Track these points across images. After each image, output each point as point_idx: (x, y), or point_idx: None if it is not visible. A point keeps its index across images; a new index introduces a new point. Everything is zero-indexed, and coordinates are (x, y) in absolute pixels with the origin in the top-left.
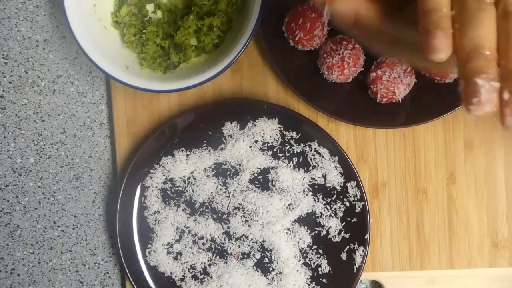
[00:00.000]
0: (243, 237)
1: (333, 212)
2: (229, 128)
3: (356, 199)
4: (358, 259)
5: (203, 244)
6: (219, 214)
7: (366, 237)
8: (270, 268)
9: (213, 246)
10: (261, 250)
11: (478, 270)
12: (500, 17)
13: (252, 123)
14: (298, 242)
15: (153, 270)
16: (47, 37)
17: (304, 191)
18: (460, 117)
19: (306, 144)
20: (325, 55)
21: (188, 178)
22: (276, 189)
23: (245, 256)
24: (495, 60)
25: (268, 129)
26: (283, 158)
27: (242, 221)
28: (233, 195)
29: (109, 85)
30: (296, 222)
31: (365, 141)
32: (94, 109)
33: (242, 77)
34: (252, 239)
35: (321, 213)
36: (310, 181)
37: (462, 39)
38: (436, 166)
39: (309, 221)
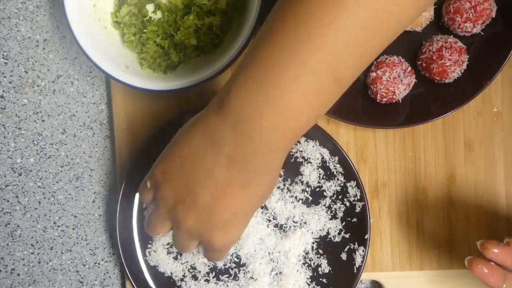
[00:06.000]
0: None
1: (333, 212)
2: None
3: (356, 199)
4: (358, 259)
5: None
6: None
7: (366, 237)
8: (270, 268)
9: None
10: None
11: None
12: None
13: None
14: None
15: (153, 270)
16: (47, 37)
17: None
18: (460, 117)
19: None
20: None
21: None
22: (275, 189)
23: None
24: None
25: None
26: None
27: None
28: None
29: (109, 85)
30: None
31: (365, 141)
32: (94, 109)
33: None
34: None
35: None
36: None
37: None
38: (436, 166)
39: None
